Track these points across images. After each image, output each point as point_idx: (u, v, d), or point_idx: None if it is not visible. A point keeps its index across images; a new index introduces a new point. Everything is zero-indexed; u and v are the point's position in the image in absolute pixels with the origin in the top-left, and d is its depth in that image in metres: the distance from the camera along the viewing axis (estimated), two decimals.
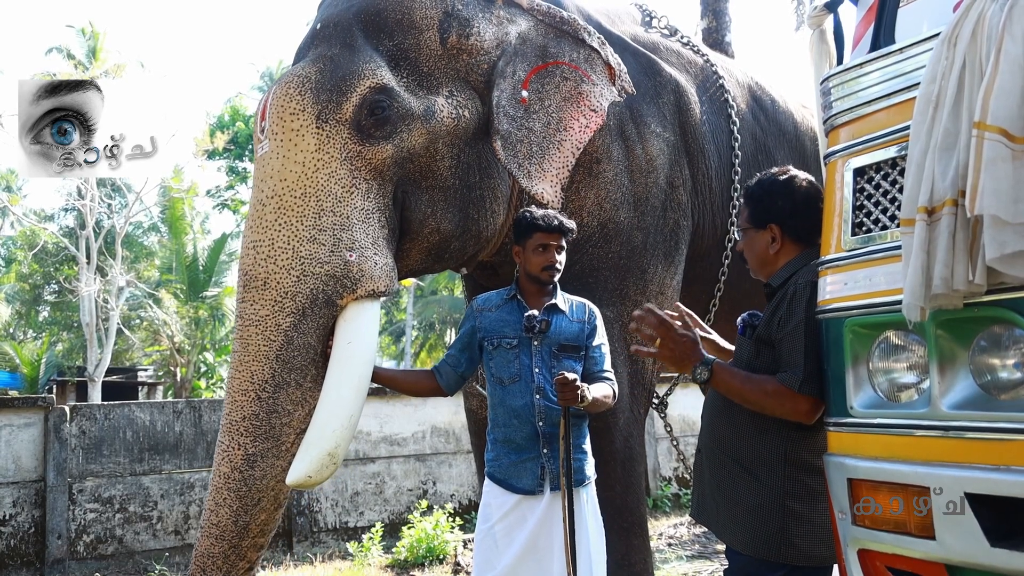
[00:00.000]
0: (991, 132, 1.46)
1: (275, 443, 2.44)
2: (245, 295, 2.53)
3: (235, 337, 2.56)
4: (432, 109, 2.71)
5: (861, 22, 2.15)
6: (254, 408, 2.44)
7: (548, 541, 2.42)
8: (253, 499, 2.43)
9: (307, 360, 2.49)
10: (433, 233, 2.77)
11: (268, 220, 2.53)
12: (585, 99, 2.91)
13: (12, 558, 5.45)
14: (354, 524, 6.37)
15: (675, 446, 3.79)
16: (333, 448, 2.37)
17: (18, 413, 5.65)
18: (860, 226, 1.84)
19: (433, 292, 24.27)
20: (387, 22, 2.74)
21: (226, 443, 2.46)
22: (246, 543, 2.46)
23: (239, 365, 2.50)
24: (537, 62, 2.89)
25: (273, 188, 2.54)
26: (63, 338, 20.91)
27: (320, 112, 2.56)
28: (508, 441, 2.51)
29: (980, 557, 1.53)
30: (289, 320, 2.47)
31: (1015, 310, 1.53)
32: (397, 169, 2.66)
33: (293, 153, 2.55)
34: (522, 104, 2.84)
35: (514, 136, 2.79)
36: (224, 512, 2.43)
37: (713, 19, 7.52)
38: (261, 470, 2.42)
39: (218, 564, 2.43)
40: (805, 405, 1.91)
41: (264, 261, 2.50)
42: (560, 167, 2.86)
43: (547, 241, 2.55)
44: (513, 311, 2.57)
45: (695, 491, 2.24)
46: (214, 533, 2.44)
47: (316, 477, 2.37)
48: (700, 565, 5.17)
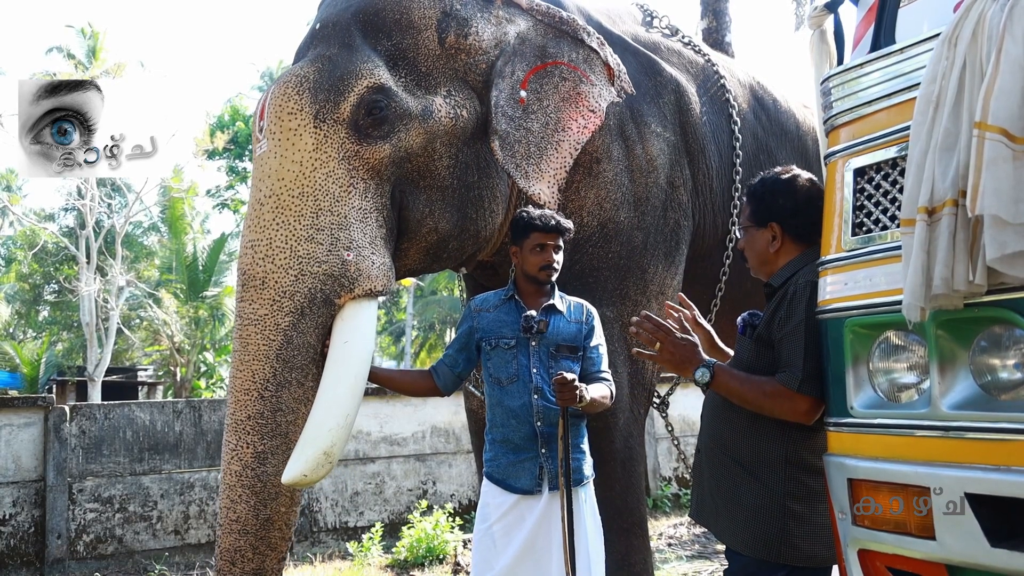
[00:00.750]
0: (992, 132, 1.46)
1: (284, 440, 2.45)
2: (244, 294, 2.53)
3: (235, 336, 2.56)
4: (430, 109, 2.72)
5: (861, 22, 2.15)
6: (258, 407, 2.44)
7: (547, 541, 2.42)
8: (270, 494, 2.44)
9: (307, 359, 2.49)
10: (431, 233, 2.77)
11: (266, 219, 2.53)
12: (584, 99, 2.91)
13: (12, 558, 5.45)
14: (354, 524, 6.37)
15: (676, 446, 3.79)
16: (329, 447, 2.37)
17: (18, 413, 5.65)
18: (860, 226, 1.84)
19: (433, 292, 24.27)
20: (385, 22, 2.74)
21: (234, 442, 2.46)
22: (273, 535, 2.46)
23: (240, 365, 2.50)
24: (536, 62, 2.90)
25: (271, 187, 2.55)
26: (63, 338, 20.91)
27: (318, 112, 2.57)
28: (506, 441, 2.51)
29: (980, 557, 1.53)
30: (288, 319, 2.47)
31: (1015, 310, 1.53)
32: (395, 169, 2.67)
33: (291, 152, 2.56)
34: (520, 104, 2.84)
35: (512, 136, 2.80)
36: (242, 507, 2.43)
37: (713, 19, 7.52)
38: (274, 467, 2.42)
39: (248, 556, 2.43)
40: (804, 405, 1.91)
41: (262, 260, 2.50)
42: (557, 167, 2.86)
43: (544, 241, 2.55)
44: (511, 311, 2.57)
45: (695, 491, 2.24)
46: (236, 528, 2.43)
47: (312, 476, 2.36)
48: (700, 565, 5.17)
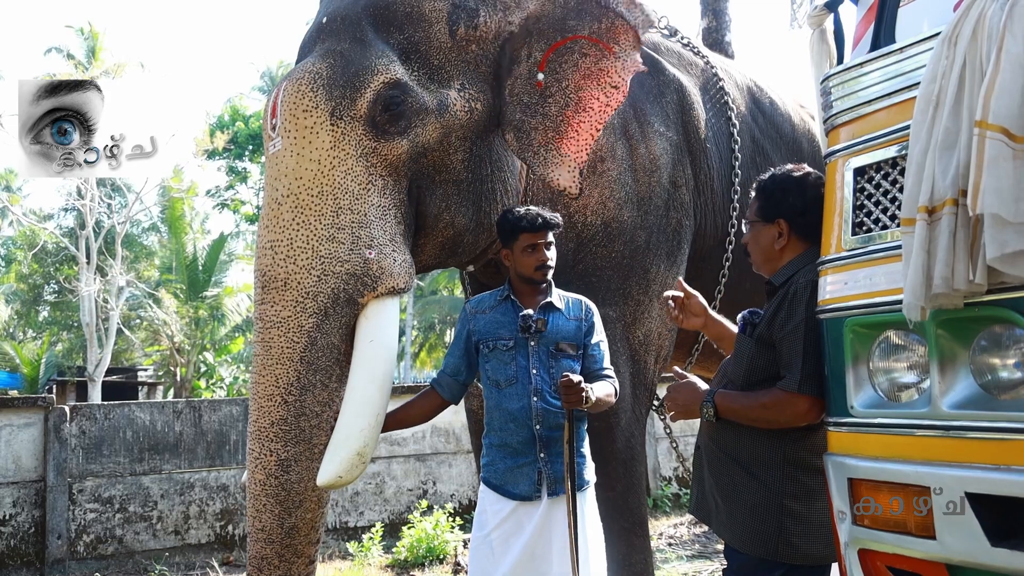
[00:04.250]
0: (992, 131, 1.46)
1: (307, 446, 2.42)
2: (265, 296, 2.48)
3: (256, 340, 2.51)
4: (445, 103, 2.68)
5: (861, 22, 2.14)
6: (282, 413, 2.41)
7: (546, 549, 2.37)
8: (294, 502, 2.42)
9: (331, 360, 2.45)
10: (448, 227, 2.73)
11: (285, 219, 2.48)
12: (606, 75, 2.78)
13: (12, 558, 5.45)
14: (354, 524, 6.37)
15: (674, 448, 3.79)
16: (362, 447, 2.35)
17: (18, 413, 5.66)
18: (860, 226, 1.84)
19: (433, 292, 24.27)
20: (396, 15, 2.70)
21: (257, 450, 2.43)
22: (299, 541, 2.45)
23: (263, 369, 2.45)
24: (556, 38, 2.77)
25: (289, 187, 2.51)
26: (63, 338, 20.92)
27: (334, 108, 2.52)
28: (504, 445, 2.45)
29: (980, 557, 1.53)
30: (312, 321, 2.43)
31: (1015, 310, 1.53)
32: (412, 164, 2.63)
33: (308, 151, 2.51)
34: (538, 88, 2.75)
35: (527, 124, 2.74)
36: (267, 517, 2.41)
37: (713, 19, 7.53)
38: (297, 474, 2.40)
39: (275, 564, 2.42)
40: (804, 405, 1.91)
41: (284, 261, 2.46)
42: (578, 150, 2.76)
43: (534, 241, 2.49)
44: (507, 312, 2.51)
45: (694, 488, 2.24)
46: (262, 537, 2.42)
47: (347, 477, 2.35)
48: (700, 565, 5.17)
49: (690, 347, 3.75)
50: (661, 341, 3.24)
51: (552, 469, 2.40)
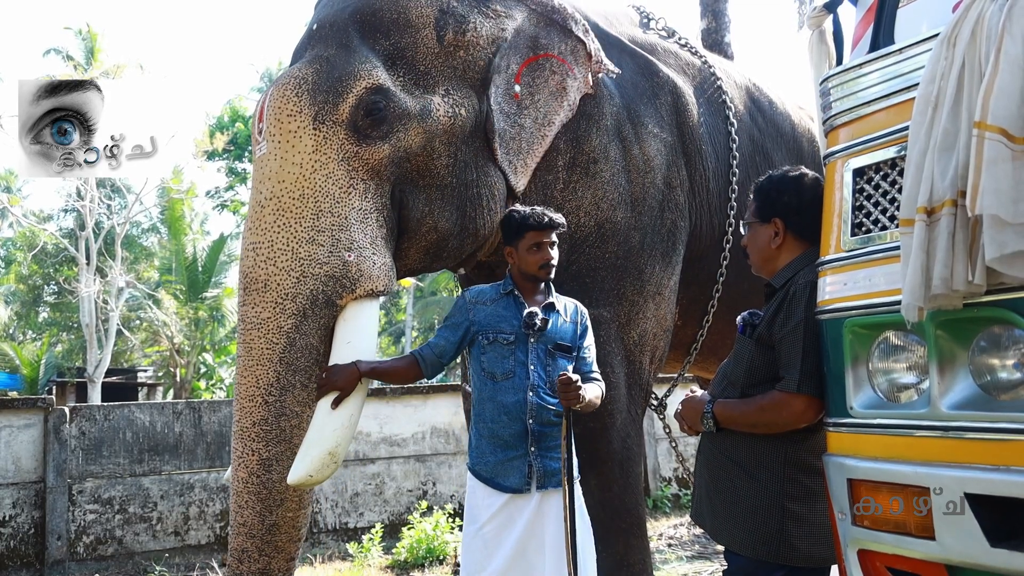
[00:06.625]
0: (991, 132, 1.46)
1: (288, 446, 2.46)
2: (246, 298, 2.54)
3: (239, 341, 2.57)
4: (428, 108, 2.72)
5: (861, 22, 2.15)
6: (263, 413, 2.46)
7: (538, 542, 2.40)
8: (276, 500, 2.47)
9: (310, 361, 2.50)
10: (431, 232, 2.77)
11: (267, 222, 2.53)
12: (567, 94, 2.99)
13: (12, 559, 5.45)
14: (354, 525, 6.36)
15: (674, 448, 3.79)
16: (334, 447, 2.39)
17: (18, 414, 5.65)
18: (859, 226, 1.84)
19: (433, 293, 24.25)
20: (383, 22, 2.75)
21: (240, 449, 2.49)
22: (279, 538, 2.50)
23: (244, 370, 2.51)
24: (528, 54, 2.94)
25: (271, 190, 2.55)
26: (63, 339, 20.91)
27: (317, 113, 2.57)
28: (494, 437, 2.47)
29: (980, 557, 1.53)
30: (290, 322, 2.47)
31: (1015, 310, 1.53)
32: (394, 169, 2.67)
33: (291, 155, 2.56)
34: (515, 99, 2.89)
35: (508, 134, 2.85)
36: (248, 513, 2.47)
37: (712, 20, 7.53)
38: (278, 473, 2.45)
39: (254, 557, 2.48)
40: (802, 405, 1.91)
41: (264, 263, 2.50)
42: (535, 159, 2.96)
43: (540, 239, 2.53)
44: (510, 307, 2.54)
45: (695, 493, 2.24)
46: (243, 532, 2.48)
47: (317, 476, 2.38)
48: (700, 566, 5.17)
49: (688, 347, 3.75)
50: (656, 341, 3.25)
51: (542, 463, 2.44)
